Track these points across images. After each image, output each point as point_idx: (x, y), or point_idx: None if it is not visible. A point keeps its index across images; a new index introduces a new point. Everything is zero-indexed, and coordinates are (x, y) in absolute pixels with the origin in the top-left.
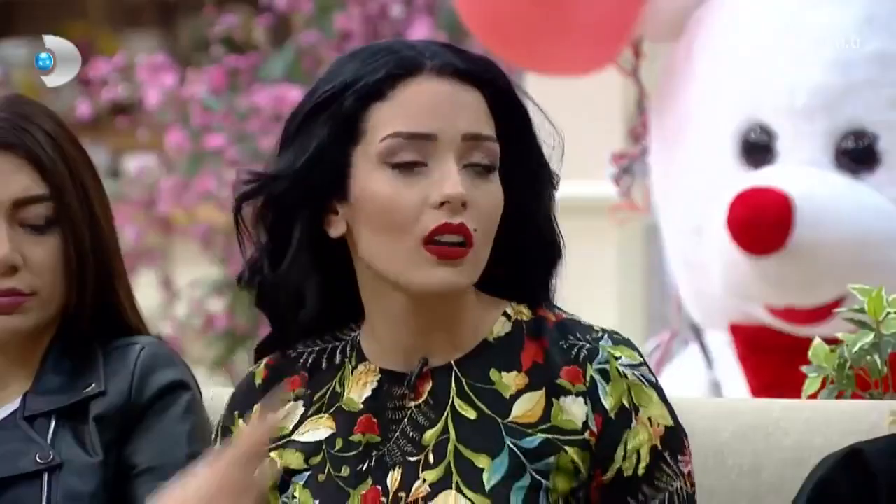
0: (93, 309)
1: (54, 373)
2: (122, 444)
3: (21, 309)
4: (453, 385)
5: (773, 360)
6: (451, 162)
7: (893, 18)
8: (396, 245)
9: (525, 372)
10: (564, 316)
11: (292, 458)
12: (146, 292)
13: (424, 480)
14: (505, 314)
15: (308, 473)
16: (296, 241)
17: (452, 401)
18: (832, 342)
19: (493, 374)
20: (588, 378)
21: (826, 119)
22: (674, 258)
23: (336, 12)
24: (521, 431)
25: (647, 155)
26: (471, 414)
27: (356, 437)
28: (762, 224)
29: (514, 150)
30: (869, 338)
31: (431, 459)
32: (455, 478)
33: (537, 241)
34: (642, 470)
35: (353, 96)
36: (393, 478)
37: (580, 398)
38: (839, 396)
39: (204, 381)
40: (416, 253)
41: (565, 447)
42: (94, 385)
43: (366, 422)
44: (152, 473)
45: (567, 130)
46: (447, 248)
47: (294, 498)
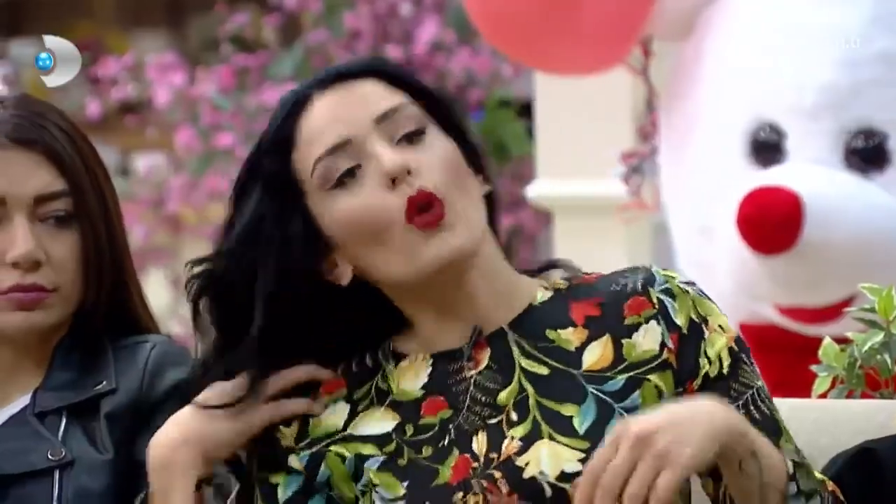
0: (106, 306)
1: (64, 369)
2: (133, 442)
3: (43, 305)
4: (514, 347)
5: (783, 360)
6: (377, 147)
7: None
8: (388, 248)
9: (581, 326)
10: (601, 273)
11: (363, 448)
12: (155, 291)
13: (513, 438)
14: (542, 286)
15: (383, 459)
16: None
17: (519, 362)
18: (842, 341)
19: (550, 333)
20: (655, 300)
21: (835, 118)
22: (682, 257)
23: (345, 11)
24: (601, 377)
25: (656, 154)
26: (543, 370)
27: (427, 420)
28: (771, 223)
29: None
30: (879, 337)
31: (515, 417)
32: (545, 428)
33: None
34: (727, 369)
35: (269, 159)
36: (478, 442)
37: (652, 321)
38: (849, 396)
39: None
40: (406, 238)
41: (647, 376)
42: (105, 382)
43: (432, 404)
44: None
45: (576, 129)
46: (424, 218)
47: (376, 485)
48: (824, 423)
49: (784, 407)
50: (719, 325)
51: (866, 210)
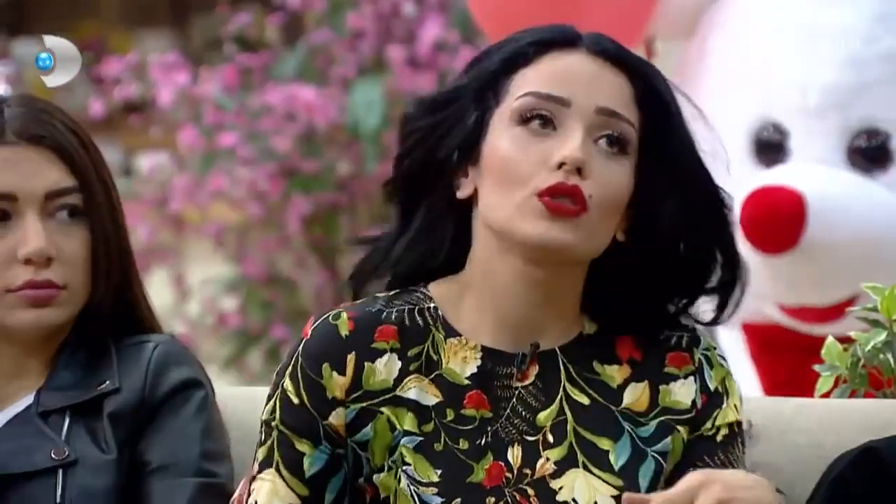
0: (111, 305)
1: (68, 369)
2: (136, 442)
3: (54, 302)
4: (563, 371)
5: (786, 359)
6: (579, 130)
7: None
8: (510, 197)
9: (626, 364)
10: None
11: (405, 418)
12: (159, 291)
13: (548, 459)
14: (588, 314)
15: (420, 440)
16: (430, 201)
17: (564, 385)
18: (845, 341)
19: (597, 366)
20: (696, 360)
21: (838, 118)
22: None
23: (348, 11)
24: (636, 420)
25: None
26: (584, 399)
27: (469, 411)
28: (775, 222)
29: (666, 154)
30: (882, 336)
31: (551, 439)
32: (580, 457)
33: (680, 266)
34: (721, 437)
35: (500, 57)
36: (514, 454)
37: (689, 378)
38: (852, 395)
39: (216, 379)
40: (527, 203)
41: (678, 427)
42: (108, 382)
43: (476, 397)
44: (165, 471)
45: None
46: (558, 204)
47: (407, 464)
48: (827, 423)
49: (789, 406)
50: (734, 404)
51: (869, 209)
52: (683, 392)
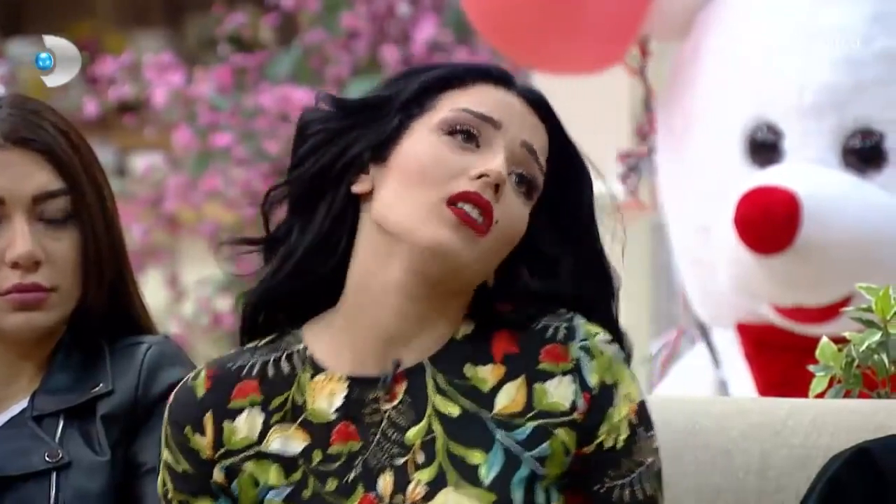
0: (105, 306)
1: (63, 371)
2: (130, 443)
3: (44, 305)
4: (430, 383)
5: (781, 360)
6: (502, 151)
7: None
8: (421, 199)
9: (500, 363)
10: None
11: (271, 473)
12: (153, 291)
13: (419, 481)
14: (467, 316)
15: (289, 490)
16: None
17: (432, 399)
18: (839, 341)
19: (468, 370)
20: (573, 356)
21: (833, 118)
22: (680, 257)
23: (343, 11)
24: (510, 423)
25: (654, 154)
26: (454, 410)
27: (336, 448)
28: (769, 223)
29: (565, 212)
30: (876, 337)
31: (420, 459)
32: (451, 475)
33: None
34: (622, 443)
35: (433, 76)
36: (384, 482)
37: (567, 377)
38: (846, 396)
39: None
40: (436, 208)
41: (555, 430)
42: (102, 384)
43: (343, 430)
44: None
45: (573, 129)
46: (468, 215)
47: None
48: (822, 423)
49: (783, 406)
50: (626, 394)
51: (864, 210)
52: (560, 392)
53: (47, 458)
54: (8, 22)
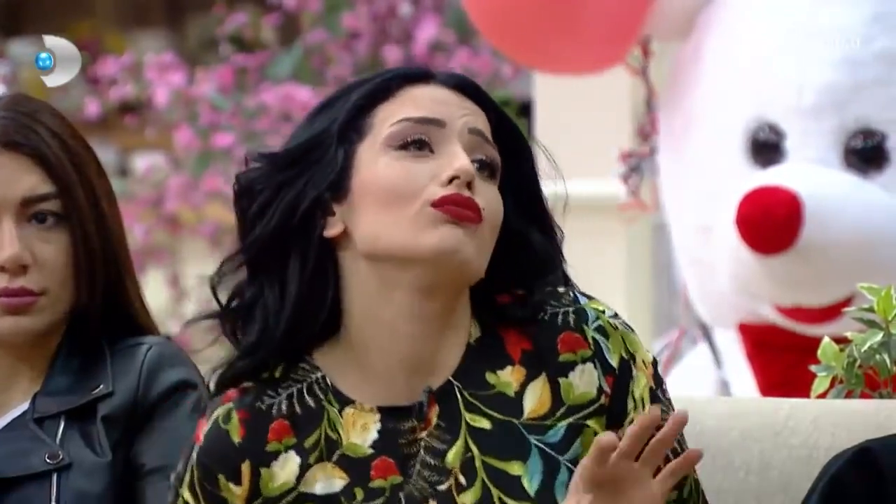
0: (102, 307)
1: (63, 373)
2: (130, 444)
3: (32, 309)
4: (459, 400)
5: (782, 360)
6: (459, 147)
7: None
8: (404, 214)
9: (518, 363)
10: (519, 292)
11: None
12: (154, 291)
13: None
14: (472, 314)
15: None
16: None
17: (464, 417)
18: (841, 341)
19: (490, 377)
20: (590, 340)
21: (834, 118)
22: (682, 257)
23: (344, 11)
24: (541, 426)
25: (656, 153)
26: (485, 424)
27: (377, 483)
28: (770, 223)
29: (516, 182)
30: (878, 337)
31: (463, 481)
32: (495, 492)
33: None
34: (646, 406)
35: (358, 95)
36: None
37: (588, 364)
38: (848, 396)
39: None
40: (422, 214)
41: (587, 422)
42: (102, 386)
43: (382, 465)
44: (160, 473)
45: (575, 129)
46: (459, 210)
47: None
48: (823, 423)
49: (784, 406)
50: (643, 361)
51: (865, 210)
52: (586, 381)
53: (48, 460)
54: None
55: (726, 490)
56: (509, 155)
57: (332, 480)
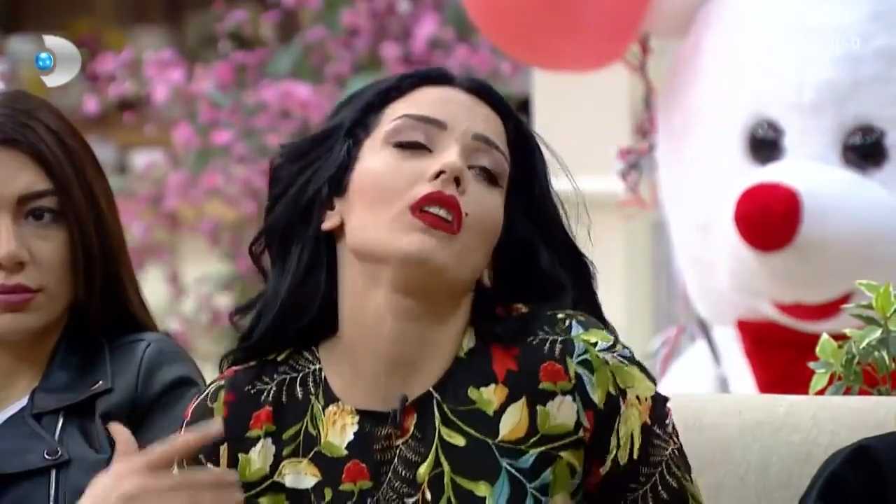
0: (101, 304)
1: (62, 370)
2: None
3: (30, 307)
4: (437, 413)
5: (781, 357)
6: (456, 148)
7: None
8: (384, 213)
9: (502, 382)
10: (522, 308)
11: None
12: (154, 288)
13: None
14: (469, 324)
15: None
16: (303, 247)
17: (439, 431)
18: (839, 338)
19: (472, 393)
20: (572, 374)
21: (833, 115)
22: (681, 254)
23: (343, 8)
24: (514, 450)
25: (655, 151)
26: (459, 441)
27: (347, 486)
28: (769, 220)
29: (529, 196)
30: (876, 334)
31: (429, 497)
32: None
33: (538, 287)
34: (637, 452)
35: (372, 92)
36: None
37: (567, 397)
38: (846, 393)
39: (211, 377)
40: (402, 217)
41: (560, 453)
42: (102, 382)
43: (354, 468)
44: None
45: (574, 126)
46: (434, 217)
47: None
48: (822, 420)
49: (783, 403)
50: (637, 396)
51: (864, 207)
52: (564, 413)
53: (47, 456)
54: (8, 19)
55: (725, 487)
56: (523, 168)
57: (304, 477)
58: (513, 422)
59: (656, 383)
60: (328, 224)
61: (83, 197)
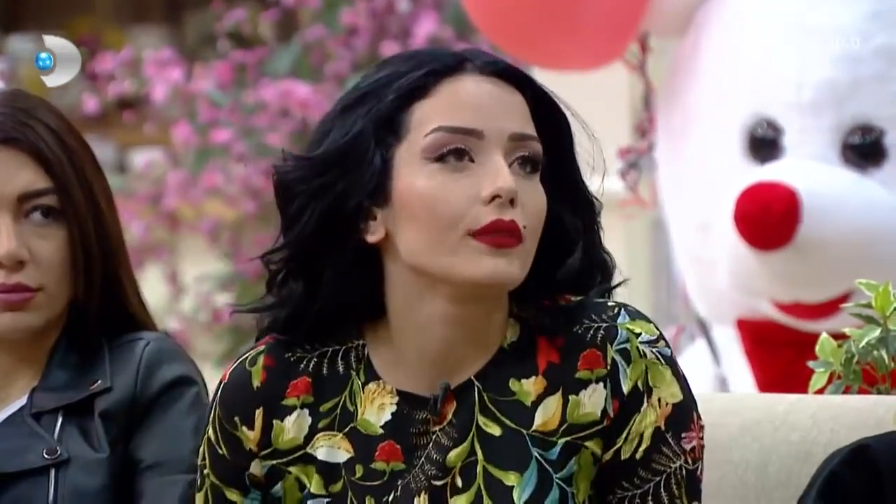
0: (100, 303)
1: (61, 369)
2: (128, 440)
3: (30, 306)
4: (476, 403)
5: (780, 356)
6: (500, 157)
7: None
8: (444, 239)
9: (542, 375)
10: (573, 299)
11: (314, 480)
12: (153, 287)
13: None
14: (512, 315)
15: (327, 501)
16: (335, 243)
17: (476, 420)
18: (839, 337)
19: (513, 384)
20: (609, 360)
21: (833, 114)
22: (680, 253)
23: (342, 7)
24: (545, 441)
25: (654, 150)
26: (496, 430)
27: (379, 465)
28: (769, 219)
29: (553, 161)
30: (876, 333)
31: (460, 483)
32: (486, 501)
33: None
34: (640, 453)
35: (394, 93)
36: (419, 503)
37: (600, 384)
38: (846, 392)
39: (210, 376)
40: (465, 243)
41: (585, 443)
42: (101, 381)
43: (388, 448)
44: (158, 468)
45: (573, 125)
46: (499, 237)
47: None
48: (821, 419)
49: (783, 402)
50: (659, 399)
51: (863, 206)
52: (593, 402)
53: (46, 455)
54: (8, 18)
55: (725, 486)
56: (548, 137)
57: (337, 450)
58: (547, 413)
59: (689, 393)
60: (374, 237)
61: (83, 196)
